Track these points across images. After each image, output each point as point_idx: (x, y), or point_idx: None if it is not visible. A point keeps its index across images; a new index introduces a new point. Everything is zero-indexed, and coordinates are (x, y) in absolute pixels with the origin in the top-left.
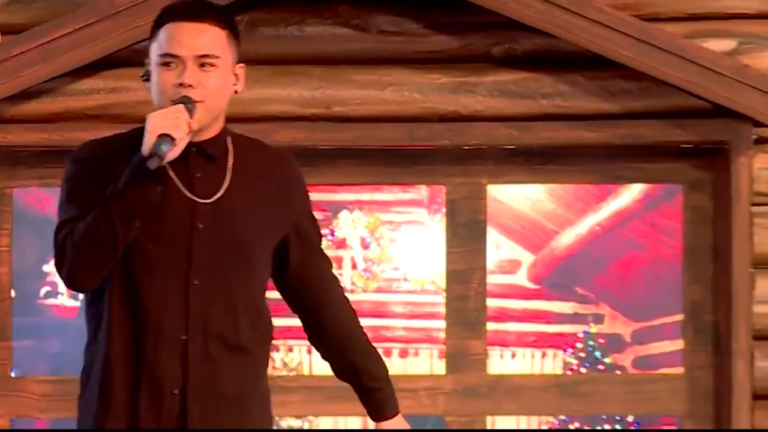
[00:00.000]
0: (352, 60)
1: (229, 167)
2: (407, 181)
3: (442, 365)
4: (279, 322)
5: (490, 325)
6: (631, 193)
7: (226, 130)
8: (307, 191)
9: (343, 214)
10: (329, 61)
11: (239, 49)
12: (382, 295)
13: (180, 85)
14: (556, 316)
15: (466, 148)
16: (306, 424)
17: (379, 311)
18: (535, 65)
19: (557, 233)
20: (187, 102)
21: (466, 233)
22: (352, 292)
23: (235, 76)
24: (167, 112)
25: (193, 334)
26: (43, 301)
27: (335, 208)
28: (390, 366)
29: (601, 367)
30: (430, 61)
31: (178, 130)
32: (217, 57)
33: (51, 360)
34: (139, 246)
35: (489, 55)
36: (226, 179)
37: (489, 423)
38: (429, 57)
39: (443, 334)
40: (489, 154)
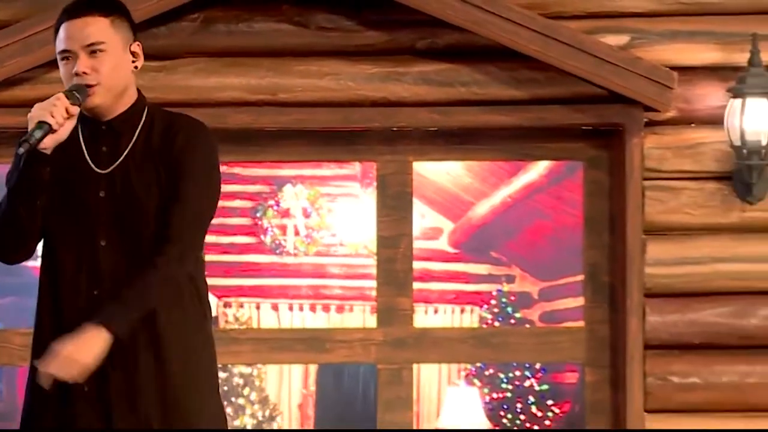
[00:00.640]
0: (295, 53)
1: (134, 139)
2: (343, 158)
3: (373, 319)
4: (230, 282)
5: (416, 285)
6: (538, 169)
7: (141, 106)
8: (199, 153)
9: (287, 188)
10: (275, 53)
11: (133, 29)
12: (321, 258)
13: (76, 75)
14: (473, 277)
15: (394, 129)
16: (255, 371)
17: (318, 272)
18: (454, 57)
19: (474, 204)
20: (73, 89)
21: (395, 204)
22: (295, 255)
23: (133, 54)
24: (47, 102)
25: (105, 288)
26: (24, 263)
27: (280, 182)
28: (328, 320)
29: (512, 321)
30: (362, 53)
31: (54, 117)
32: (103, 42)
33: (31, 314)
34: (54, 218)
35: (414, 48)
36: (127, 149)
37: (415, 370)
38: (362, 50)
39: (375, 292)
40: (414, 135)
